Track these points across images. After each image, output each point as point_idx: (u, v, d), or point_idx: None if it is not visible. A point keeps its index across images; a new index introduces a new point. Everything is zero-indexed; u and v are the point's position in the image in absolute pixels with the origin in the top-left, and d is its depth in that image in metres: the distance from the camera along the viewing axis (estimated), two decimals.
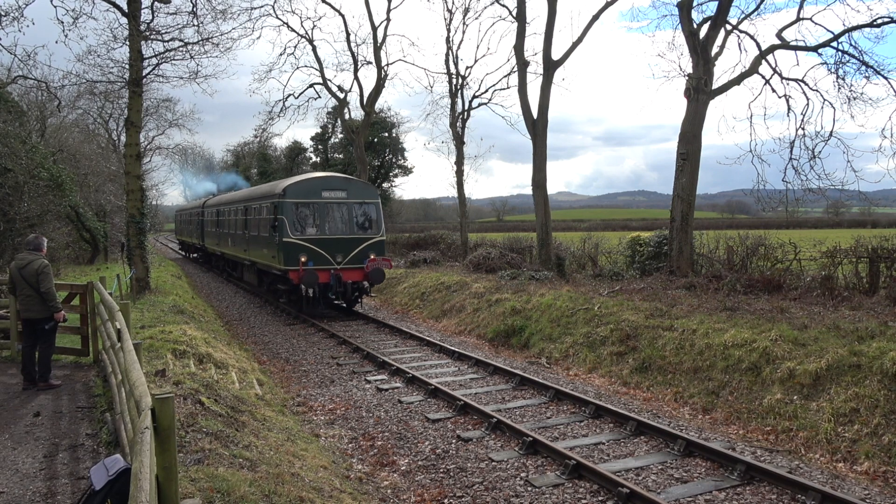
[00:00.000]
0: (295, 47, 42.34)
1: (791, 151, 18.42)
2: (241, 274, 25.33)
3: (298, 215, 17.46)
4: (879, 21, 16.73)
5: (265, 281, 20.85)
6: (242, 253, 22.72)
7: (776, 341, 10.05)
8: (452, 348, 13.64)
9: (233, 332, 16.62)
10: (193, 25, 18.21)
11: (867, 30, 17.13)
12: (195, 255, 40.93)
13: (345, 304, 19.35)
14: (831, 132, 18.03)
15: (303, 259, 16.80)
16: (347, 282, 17.38)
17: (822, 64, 20.13)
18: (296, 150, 64.83)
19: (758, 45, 18.71)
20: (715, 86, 18.19)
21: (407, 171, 62.36)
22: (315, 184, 18.01)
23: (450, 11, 32.98)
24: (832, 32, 17.59)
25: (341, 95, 34.31)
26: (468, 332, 16.72)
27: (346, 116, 36.87)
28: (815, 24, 18.41)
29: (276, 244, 17.43)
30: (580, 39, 21.71)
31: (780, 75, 18.62)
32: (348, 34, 32.67)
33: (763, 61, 18.37)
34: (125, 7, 16.85)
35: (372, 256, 17.62)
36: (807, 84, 18.22)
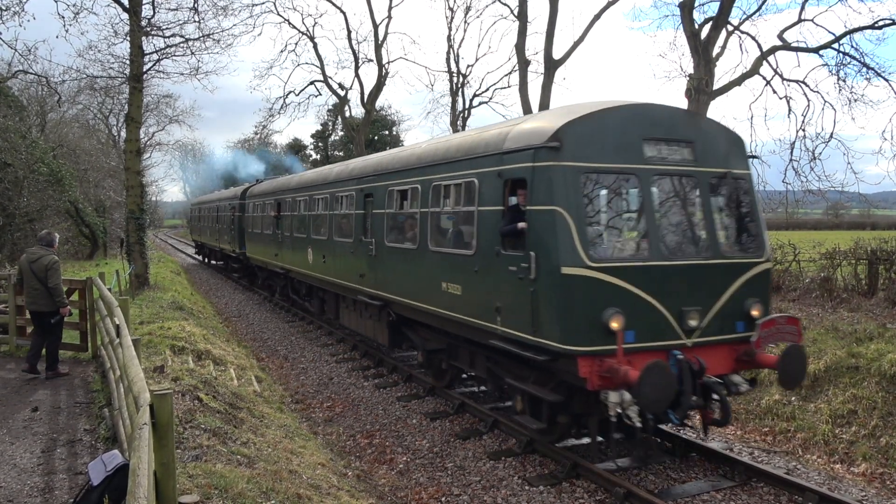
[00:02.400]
0: (296, 44, 42.25)
1: (791, 152, 18.44)
2: (335, 311, 14.30)
3: (594, 205, 7.16)
4: (881, 23, 16.74)
5: (424, 345, 10.18)
6: (353, 278, 12.00)
7: None
8: None
9: (231, 328, 16.62)
10: (194, 21, 18.22)
11: (868, 32, 17.13)
12: (220, 262, 31.61)
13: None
14: (832, 134, 18.06)
15: (613, 323, 6.44)
16: (710, 380, 6.90)
17: (823, 65, 20.21)
18: (296, 147, 64.83)
19: (759, 46, 18.73)
20: (716, 86, 18.18)
21: None
22: (626, 124, 7.13)
23: (451, 10, 32.99)
24: (833, 34, 17.61)
25: (342, 93, 34.33)
26: None
27: (347, 114, 36.86)
28: (817, 25, 18.46)
29: (527, 279, 6.85)
30: (581, 39, 21.70)
31: (780, 76, 18.63)
32: (349, 32, 32.67)
33: (764, 62, 18.37)
34: (126, 2, 16.83)
35: (754, 310, 7.22)
36: (808, 85, 18.23)
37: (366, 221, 11.54)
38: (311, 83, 34.70)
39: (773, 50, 18.28)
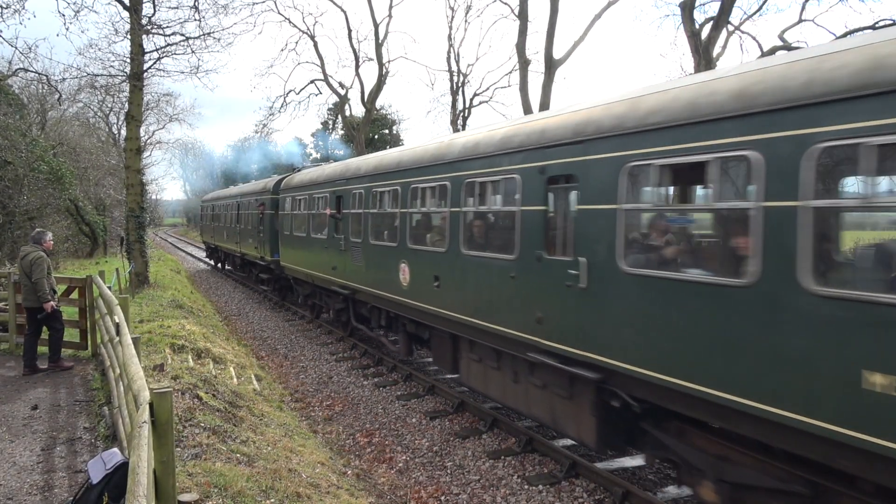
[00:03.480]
0: (296, 43, 42.39)
1: None
2: (451, 360, 9.36)
3: None
4: (881, 23, 16.76)
5: (716, 470, 5.22)
6: (515, 322, 7.22)
7: None
8: None
9: (231, 327, 16.62)
10: (195, 20, 18.27)
11: (869, 32, 17.18)
12: (240, 270, 26.93)
13: None
14: None
15: None
16: None
17: None
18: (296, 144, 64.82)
19: (759, 47, 18.83)
20: None
21: None
22: None
23: (452, 9, 33.02)
24: (834, 34, 17.65)
25: (342, 92, 34.39)
26: None
27: (347, 113, 36.92)
28: (817, 25, 18.68)
29: None
30: (582, 38, 21.79)
31: None
32: (350, 31, 32.83)
33: None
34: (127, 1, 16.85)
35: None
36: None
37: (550, 226, 6.78)
38: (312, 82, 34.84)
39: (773, 50, 18.30)
